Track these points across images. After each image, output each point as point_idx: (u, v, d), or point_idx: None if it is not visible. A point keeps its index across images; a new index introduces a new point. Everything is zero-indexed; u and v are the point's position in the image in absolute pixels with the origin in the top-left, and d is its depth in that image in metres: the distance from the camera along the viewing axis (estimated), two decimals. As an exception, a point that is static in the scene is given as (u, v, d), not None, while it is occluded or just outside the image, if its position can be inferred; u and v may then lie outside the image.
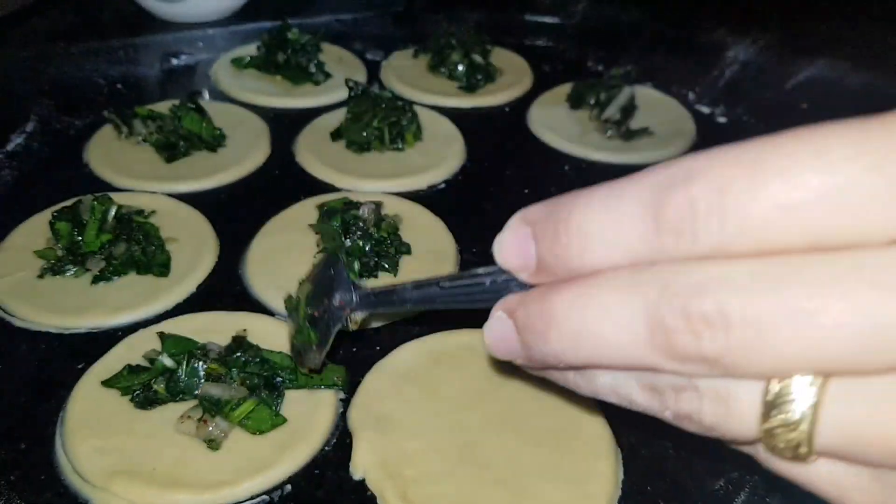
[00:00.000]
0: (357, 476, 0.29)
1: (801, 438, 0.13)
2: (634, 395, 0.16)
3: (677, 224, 0.13)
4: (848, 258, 0.12)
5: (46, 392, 0.32)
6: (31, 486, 0.28)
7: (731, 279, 0.13)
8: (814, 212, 0.12)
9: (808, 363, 0.13)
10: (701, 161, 0.13)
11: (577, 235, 0.15)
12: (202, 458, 0.28)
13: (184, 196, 0.44)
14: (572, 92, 0.55)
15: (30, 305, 0.36)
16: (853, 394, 0.13)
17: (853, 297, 0.12)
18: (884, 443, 0.13)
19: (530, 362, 0.17)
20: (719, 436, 0.15)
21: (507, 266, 0.17)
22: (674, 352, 0.14)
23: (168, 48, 0.59)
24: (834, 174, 0.12)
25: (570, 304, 0.15)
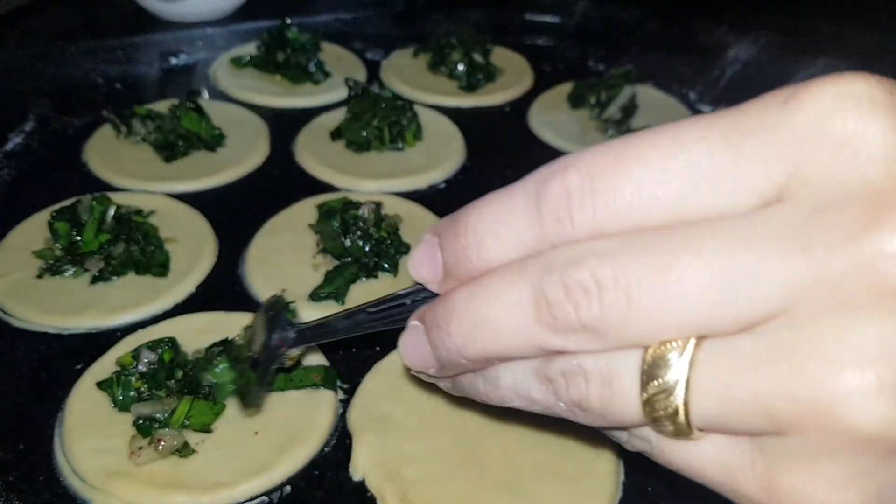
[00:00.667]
0: (357, 477, 0.29)
1: (677, 405, 0.14)
2: (533, 391, 0.16)
3: (556, 210, 0.15)
4: (707, 224, 0.13)
5: (45, 392, 0.32)
6: (29, 486, 0.28)
7: (604, 249, 0.14)
8: (672, 189, 0.14)
9: (676, 323, 0.13)
10: (576, 154, 0.15)
11: (473, 235, 0.16)
12: (201, 459, 0.28)
13: (183, 196, 0.44)
14: (573, 91, 0.55)
15: (28, 306, 0.36)
16: (722, 354, 0.13)
17: (706, 254, 0.13)
18: (753, 400, 0.13)
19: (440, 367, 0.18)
20: (609, 422, 0.15)
21: (418, 277, 0.18)
22: (557, 324, 0.14)
23: (167, 47, 0.59)
24: (685, 153, 0.14)
25: (467, 297, 0.16)
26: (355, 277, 0.38)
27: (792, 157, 0.13)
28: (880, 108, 0.13)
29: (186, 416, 0.29)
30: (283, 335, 0.24)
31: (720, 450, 0.15)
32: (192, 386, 0.29)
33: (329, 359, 0.33)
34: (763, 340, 0.13)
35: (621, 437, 0.17)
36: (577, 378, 0.15)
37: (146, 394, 0.29)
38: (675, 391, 0.14)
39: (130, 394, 0.29)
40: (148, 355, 0.30)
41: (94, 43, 0.56)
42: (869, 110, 0.13)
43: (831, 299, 0.12)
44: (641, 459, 0.31)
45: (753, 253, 0.13)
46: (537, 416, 0.16)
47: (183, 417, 0.29)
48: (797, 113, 0.13)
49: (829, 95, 0.13)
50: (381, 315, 0.20)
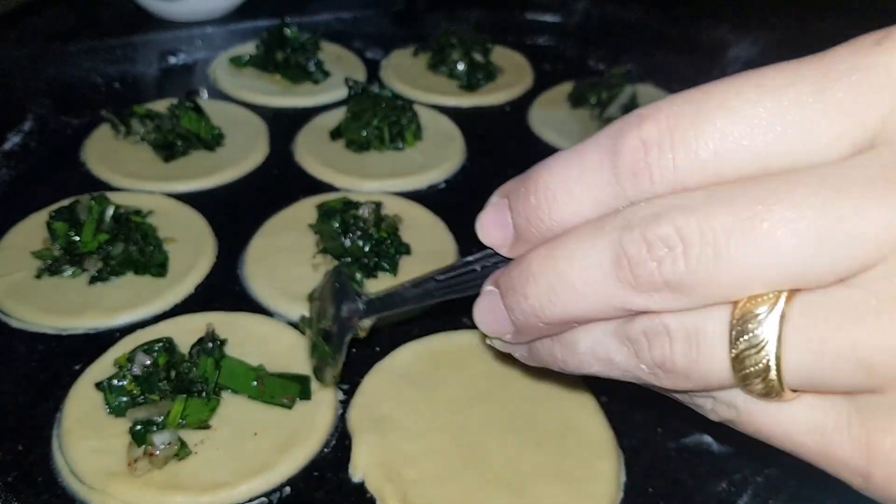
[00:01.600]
0: (356, 478, 0.29)
1: (769, 360, 0.13)
2: (613, 353, 0.16)
3: (633, 165, 0.14)
4: (798, 173, 0.13)
5: (44, 393, 0.32)
6: (28, 487, 0.28)
7: (687, 203, 0.13)
8: (759, 139, 0.13)
9: (768, 276, 0.13)
10: (652, 106, 0.14)
11: (545, 194, 0.15)
12: (200, 459, 0.28)
13: (182, 196, 0.43)
14: (573, 91, 0.54)
15: (27, 306, 0.35)
16: (817, 306, 0.13)
17: (799, 202, 0.12)
18: (850, 354, 0.12)
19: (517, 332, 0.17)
20: (696, 382, 0.14)
21: (487, 241, 0.17)
22: (639, 282, 0.14)
23: (166, 47, 0.59)
24: (773, 100, 0.13)
25: (543, 258, 0.15)
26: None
27: (886, 101, 0.12)
28: None
29: (182, 415, 0.29)
30: (351, 306, 0.23)
31: (814, 411, 0.14)
32: (185, 385, 0.29)
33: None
34: (860, 292, 0.12)
35: (705, 404, 0.16)
36: (660, 338, 0.14)
37: (140, 397, 0.29)
38: (766, 346, 0.13)
39: (124, 399, 0.29)
40: (143, 358, 0.30)
41: (93, 42, 0.56)
42: None
43: None
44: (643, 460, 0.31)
45: (849, 200, 0.12)
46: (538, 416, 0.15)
47: (178, 417, 0.29)
48: (890, 56, 0.12)
49: None
50: (452, 282, 0.19)
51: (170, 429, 0.28)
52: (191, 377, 0.29)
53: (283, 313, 0.36)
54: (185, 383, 0.29)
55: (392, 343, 0.34)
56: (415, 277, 0.20)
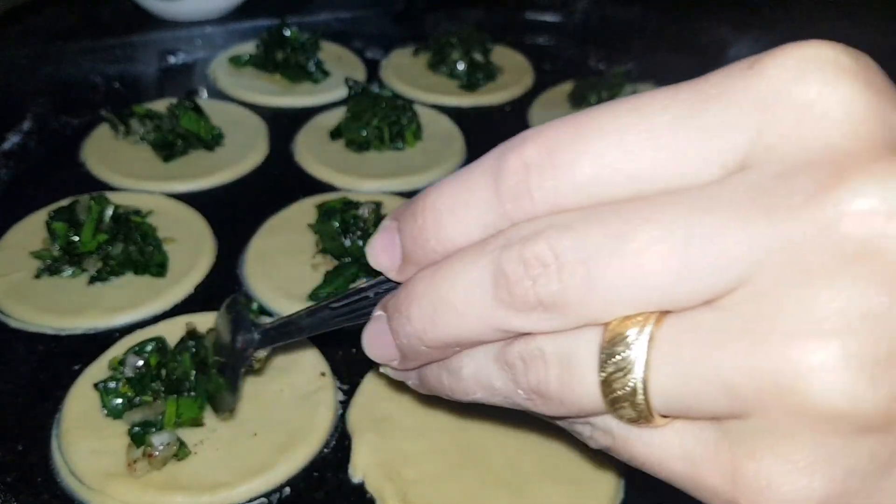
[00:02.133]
0: (356, 478, 0.29)
1: (636, 383, 0.13)
2: (493, 379, 0.16)
3: (515, 187, 0.14)
4: (669, 194, 0.13)
5: (43, 393, 0.32)
6: (27, 488, 0.28)
7: (562, 222, 0.14)
8: (633, 161, 0.13)
9: (635, 297, 0.13)
10: (535, 128, 0.14)
11: (431, 214, 0.15)
12: (200, 460, 0.28)
13: (181, 196, 0.43)
14: (574, 91, 0.54)
15: (26, 306, 0.35)
16: (682, 330, 0.13)
17: (667, 223, 0.13)
18: (714, 378, 0.12)
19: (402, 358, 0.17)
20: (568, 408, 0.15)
21: (376, 264, 0.17)
22: (516, 301, 0.14)
23: (166, 46, 0.58)
24: (647, 124, 0.13)
25: (428, 280, 0.15)
26: (355, 277, 0.38)
27: (755, 123, 0.13)
28: (844, 72, 0.12)
29: (177, 415, 0.29)
30: (246, 337, 0.23)
31: (684, 438, 0.14)
32: (175, 385, 0.29)
33: (328, 359, 0.33)
34: (725, 314, 0.12)
35: (584, 431, 0.16)
36: (536, 362, 0.14)
37: (136, 399, 0.29)
38: (633, 369, 0.13)
39: (119, 401, 0.29)
40: (134, 360, 0.30)
41: (93, 42, 0.56)
42: (833, 74, 0.12)
43: (795, 266, 0.12)
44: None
45: (715, 221, 0.12)
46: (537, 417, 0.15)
47: (174, 418, 0.28)
48: (761, 78, 0.13)
49: (792, 60, 0.13)
50: (345, 310, 0.19)
51: (168, 429, 0.28)
52: (176, 376, 0.29)
53: (282, 313, 0.36)
54: (175, 383, 0.29)
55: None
56: (310, 306, 0.21)
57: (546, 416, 0.16)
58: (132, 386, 0.29)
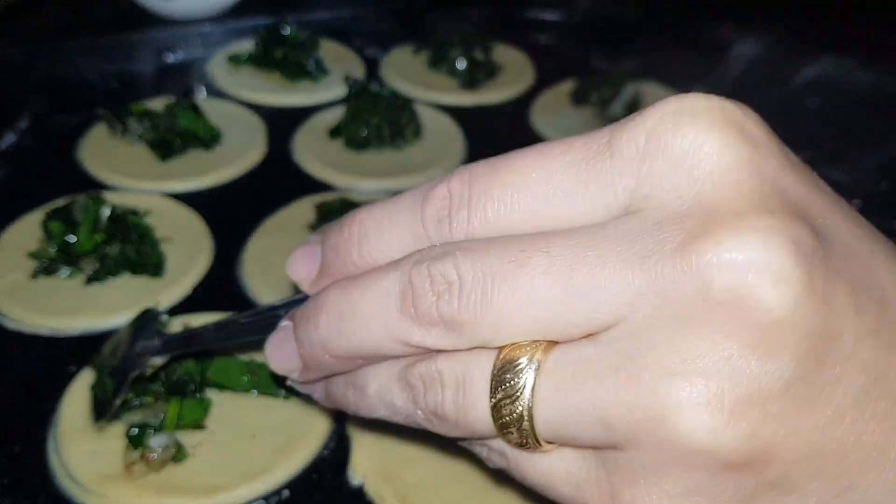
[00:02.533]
0: (356, 481, 0.28)
1: (522, 410, 0.14)
2: (395, 398, 0.16)
3: (437, 213, 0.16)
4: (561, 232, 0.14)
5: (39, 394, 0.31)
6: (23, 490, 0.27)
7: (470, 246, 0.15)
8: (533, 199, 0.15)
9: (524, 323, 0.14)
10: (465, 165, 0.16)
11: (358, 228, 0.17)
12: (198, 462, 0.28)
13: (179, 195, 0.43)
14: (575, 89, 0.54)
15: (22, 307, 0.35)
16: (566, 361, 0.14)
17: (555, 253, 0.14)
18: (591, 409, 0.13)
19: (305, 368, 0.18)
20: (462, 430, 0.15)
21: (293, 274, 0.18)
22: (419, 314, 0.15)
23: (163, 44, 0.58)
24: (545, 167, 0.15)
25: (342, 289, 0.16)
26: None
27: (635, 172, 0.14)
28: (719, 122, 0.13)
29: (178, 416, 0.28)
30: (147, 344, 0.23)
31: (569, 464, 0.15)
32: (178, 386, 0.29)
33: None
34: (603, 349, 0.13)
35: (482, 452, 0.17)
36: (434, 384, 0.15)
37: (135, 401, 0.29)
38: (520, 396, 0.14)
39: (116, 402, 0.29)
40: None
41: (90, 40, 0.56)
42: (707, 125, 0.13)
43: (665, 309, 0.13)
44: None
45: (595, 259, 0.13)
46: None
47: (176, 420, 0.28)
48: (641, 129, 0.14)
49: (669, 112, 0.14)
50: (253, 325, 0.19)
51: (167, 431, 0.28)
52: (176, 377, 0.29)
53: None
54: (178, 384, 0.29)
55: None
56: (219, 319, 0.21)
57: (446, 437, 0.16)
58: (132, 388, 0.29)
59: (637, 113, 0.15)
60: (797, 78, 0.52)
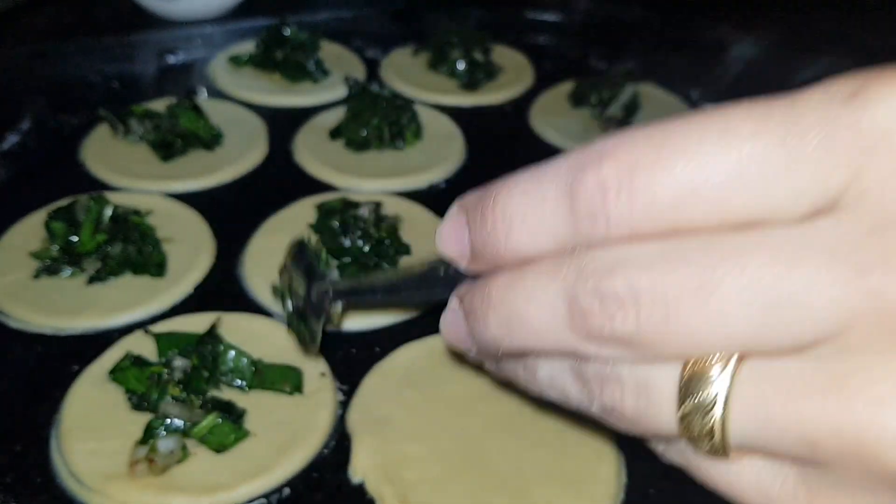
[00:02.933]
0: (356, 479, 0.29)
1: (714, 423, 0.13)
2: (568, 387, 0.16)
3: (590, 206, 0.14)
4: (753, 234, 0.12)
5: (41, 394, 0.32)
6: (26, 489, 0.28)
7: (641, 257, 0.13)
8: (719, 189, 0.12)
9: (717, 340, 0.13)
10: (612, 141, 0.14)
11: (501, 220, 0.15)
12: (200, 460, 0.28)
13: (180, 195, 0.43)
14: (574, 90, 0.54)
15: (25, 306, 0.35)
16: (765, 375, 0.13)
17: (752, 273, 0.12)
18: (795, 428, 0.12)
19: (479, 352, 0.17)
20: (644, 430, 0.15)
21: (446, 254, 0.17)
22: (591, 333, 0.14)
23: (164, 46, 0.58)
24: (736, 151, 0.12)
25: (504, 289, 0.15)
26: (355, 278, 0.38)
27: (854, 164, 0.12)
28: None
29: (209, 431, 0.28)
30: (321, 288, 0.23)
31: (761, 474, 0.14)
32: (224, 404, 0.29)
33: (328, 359, 0.33)
34: (810, 365, 0.12)
35: (658, 447, 0.16)
36: (611, 384, 0.14)
37: (182, 395, 0.29)
38: (712, 409, 0.13)
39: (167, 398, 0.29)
40: (181, 362, 0.30)
41: (91, 41, 0.56)
42: None
43: (884, 330, 0.11)
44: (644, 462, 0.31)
45: (803, 271, 0.12)
46: (538, 417, 0.15)
47: (205, 433, 0.28)
48: (863, 113, 0.12)
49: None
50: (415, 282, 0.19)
51: (177, 435, 0.28)
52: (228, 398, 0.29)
53: (282, 313, 0.36)
54: (225, 404, 0.29)
55: (392, 343, 0.34)
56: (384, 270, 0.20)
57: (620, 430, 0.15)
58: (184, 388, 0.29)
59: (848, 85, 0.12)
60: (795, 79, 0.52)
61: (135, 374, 0.30)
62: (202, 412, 0.29)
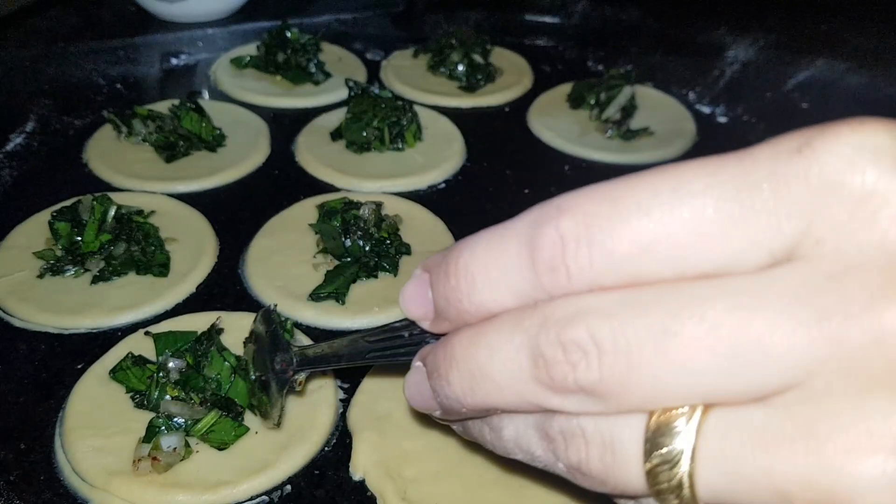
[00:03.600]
0: (357, 476, 0.29)
1: (682, 477, 0.13)
2: (533, 447, 0.15)
3: (550, 259, 0.14)
4: (711, 283, 0.12)
5: (46, 392, 0.32)
6: (30, 486, 0.28)
7: (602, 306, 0.13)
8: (675, 242, 0.13)
9: (680, 389, 0.13)
10: (570, 197, 0.14)
11: (464, 277, 0.15)
12: (202, 458, 0.28)
13: (183, 196, 0.44)
14: (572, 92, 0.55)
15: (29, 305, 0.36)
16: (732, 425, 0.12)
17: (713, 319, 0.12)
18: (765, 479, 0.12)
19: (444, 413, 0.17)
20: (611, 489, 0.14)
21: (410, 315, 0.17)
22: (554, 383, 0.14)
23: (168, 48, 0.59)
24: (689, 205, 0.12)
25: (466, 345, 0.15)
26: (355, 277, 0.38)
27: (806, 213, 0.12)
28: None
29: (209, 428, 0.28)
30: (285, 357, 0.23)
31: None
32: (224, 402, 0.29)
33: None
34: (776, 414, 0.12)
35: None
36: (576, 440, 0.14)
37: (182, 394, 0.29)
38: (679, 462, 0.13)
39: (166, 397, 0.29)
40: (176, 363, 0.30)
41: (95, 43, 0.56)
42: (891, 165, 0.11)
43: (849, 376, 0.11)
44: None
45: (763, 319, 0.12)
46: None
47: (205, 429, 0.28)
48: (812, 164, 0.12)
49: (847, 147, 0.12)
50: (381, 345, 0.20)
51: (179, 433, 0.28)
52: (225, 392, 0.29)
53: (283, 313, 0.36)
54: (226, 401, 0.29)
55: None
56: (347, 336, 0.21)
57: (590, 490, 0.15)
58: (182, 388, 0.29)
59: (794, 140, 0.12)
60: (792, 80, 0.52)
61: (136, 374, 0.30)
62: (203, 410, 0.29)
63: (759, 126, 0.52)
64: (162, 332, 0.32)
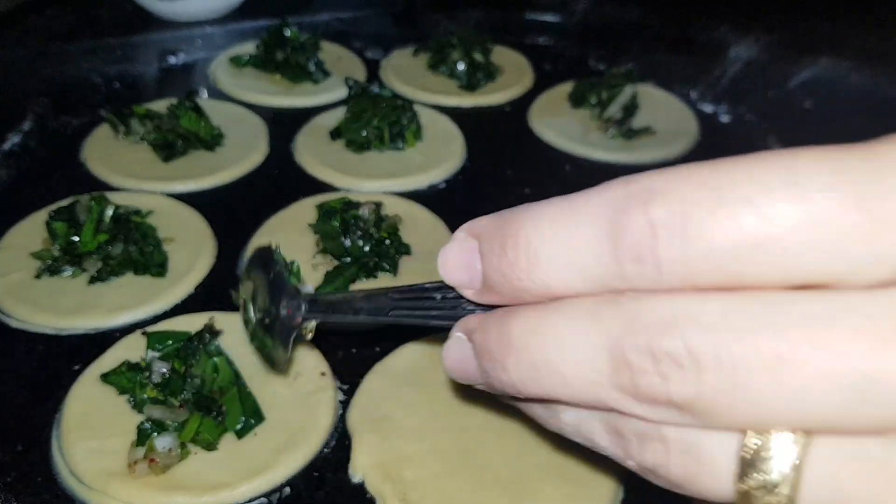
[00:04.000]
0: (356, 478, 0.29)
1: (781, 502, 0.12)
2: (597, 438, 0.14)
3: (637, 249, 0.12)
4: (830, 301, 0.11)
5: (43, 393, 0.32)
6: (27, 488, 0.28)
7: (701, 316, 0.12)
8: (787, 246, 0.11)
9: (789, 416, 0.11)
10: (662, 180, 0.12)
11: (526, 253, 0.14)
12: (201, 459, 0.28)
13: (181, 196, 0.43)
14: (574, 91, 0.54)
15: (26, 306, 0.35)
16: (843, 457, 0.11)
17: (838, 346, 0.11)
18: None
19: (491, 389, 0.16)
20: (689, 493, 0.13)
21: (450, 281, 0.16)
22: (639, 393, 0.12)
23: (166, 46, 0.59)
24: (809, 206, 0.11)
25: (529, 332, 0.14)
26: (355, 278, 0.38)
27: None
28: None
29: (196, 431, 0.28)
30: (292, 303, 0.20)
31: None
32: (206, 403, 0.29)
33: (329, 359, 0.33)
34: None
35: None
36: (654, 443, 0.13)
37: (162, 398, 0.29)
38: (779, 488, 0.12)
39: (145, 396, 0.29)
40: (160, 366, 0.30)
41: (93, 42, 0.56)
42: None
43: None
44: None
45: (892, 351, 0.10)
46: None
47: (193, 434, 0.28)
48: None
49: None
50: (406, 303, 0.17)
51: (172, 434, 0.28)
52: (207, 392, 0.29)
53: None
54: (206, 400, 0.29)
55: (392, 343, 0.34)
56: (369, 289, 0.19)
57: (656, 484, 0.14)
58: (161, 391, 0.29)
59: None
60: (795, 79, 0.52)
61: (127, 376, 0.30)
62: (184, 412, 0.29)
63: (762, 125, 0.52)
64: (155, 332, 0.32)
